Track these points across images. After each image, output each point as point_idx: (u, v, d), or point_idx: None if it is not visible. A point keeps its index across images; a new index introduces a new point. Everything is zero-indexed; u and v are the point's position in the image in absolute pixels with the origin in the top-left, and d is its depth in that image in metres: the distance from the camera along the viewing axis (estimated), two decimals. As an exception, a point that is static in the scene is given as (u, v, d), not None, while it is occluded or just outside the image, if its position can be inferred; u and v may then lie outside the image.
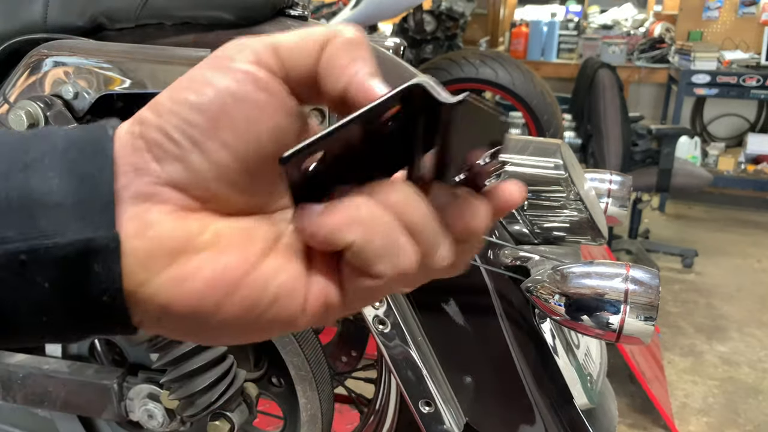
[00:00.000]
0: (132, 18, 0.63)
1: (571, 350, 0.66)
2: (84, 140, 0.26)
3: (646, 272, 0.51)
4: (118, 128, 0.27)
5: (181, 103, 0.26)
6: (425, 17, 3.29)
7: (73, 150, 0.26)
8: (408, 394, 0.62)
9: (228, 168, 0.26)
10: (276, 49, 0.27)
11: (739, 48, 3.87)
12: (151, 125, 0.26)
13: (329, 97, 0.29)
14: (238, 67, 0.27)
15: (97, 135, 0.26)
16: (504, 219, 0.62)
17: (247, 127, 0.26)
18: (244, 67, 0.27)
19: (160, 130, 0.26)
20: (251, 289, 0.26)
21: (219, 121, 0.26)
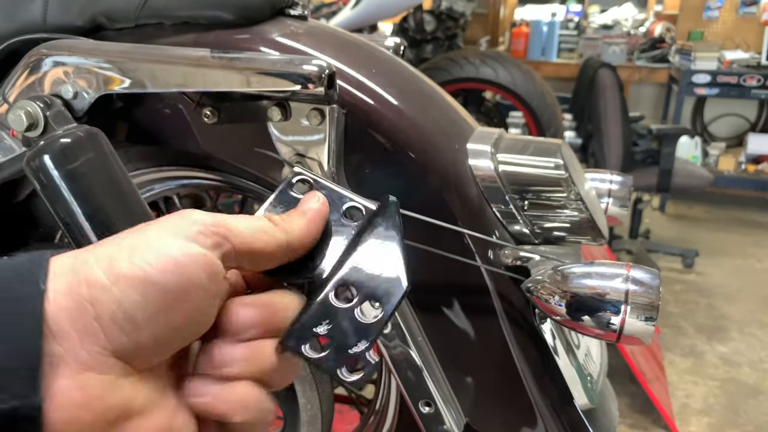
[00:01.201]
0: (131, 18, 0.63)
1: (572, 350, 0.66)
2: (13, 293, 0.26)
3: (647, 272, 0.51)
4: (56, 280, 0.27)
5: (144, 281, 0.27)
6: (425, 17, 3.29)
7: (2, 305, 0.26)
8: (408, 394, 0.62)
9: (166, 341, 0.29)
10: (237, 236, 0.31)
11: (739, 48, 3.87)
12: (107, 293, 0.26)
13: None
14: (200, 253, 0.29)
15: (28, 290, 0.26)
16: (504, 219, 0.62)
17: (193, 311, 0.29)
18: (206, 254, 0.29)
19: (117, 303, 0.27)
20: None
21: (174, 306, 0.28)
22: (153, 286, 0.27)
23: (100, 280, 0.27)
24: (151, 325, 0.27)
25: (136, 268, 0.27)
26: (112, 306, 0.26)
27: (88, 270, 0.27)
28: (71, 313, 0.26)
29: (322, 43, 0.63)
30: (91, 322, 0.26)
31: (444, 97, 0.68)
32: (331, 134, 0.53)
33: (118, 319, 0.27)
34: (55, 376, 0.26)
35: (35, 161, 0.50)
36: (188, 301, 0.28)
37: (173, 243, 0.28)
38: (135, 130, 0.69)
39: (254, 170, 0.66)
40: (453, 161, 0.61)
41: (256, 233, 0.32)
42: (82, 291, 0.26)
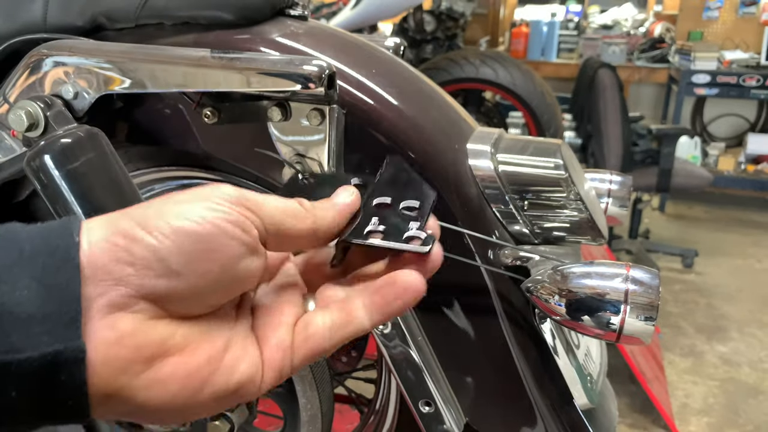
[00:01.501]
0: (132, 18, 0.63)
1: (572, 350, 0.66)
2: (50, 246, 0.27)
3: (647, 272, 0.51)
4: (89, 233, 0.28)
5: (178, 230, 0.28)
6: (425, 17, 3.29)
7: (41, 257, 0.27)
8: (408, 394, 0.62)
9: (202, 291, 0.29)
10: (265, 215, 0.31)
11: (739, 48, 3.87)
12: (140, 242, 0.28)
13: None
14: (230, 212, 0.30)
15: (64, 242, 0.27)
16: (504, 219, 0.62)
17: (228, 261, 0.30)
18: (236, 215, 0.30)
19: (152, 250, 0.28)
20: (218, 384, 0.30)
21: (209, 254, 0.29)
22: (187, 236, 0.28)
23: (134, 232, 0.28)
24: (187, 273, 0.28)
25: (169, 220, 0.28)
26: (146, 253, 0.27)
27: (123, 224, 0.28)
28: (105, 259, 0.27)
29: (322, 44, 0.63)
30: (124, 268, 0.27)
31: (444, 97, 0.68)
32: (331, 134, 0.53)
33: (152, 265, 0.28)
34: (88, 319, 0.27)
35: (36, 161, 0.50)
36: (222, 252, 0.29)
37: (204, 205, 0.29)
38: (135, 130, 0.69)
39: (254, 170, 0.66)
40: (453, 161, 0.61)
41: (287, 215, 0.32)
42: (117, 240, 0.28)
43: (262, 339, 0.33)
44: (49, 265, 0.26)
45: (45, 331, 0.25)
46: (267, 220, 0.31)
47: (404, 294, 0.33)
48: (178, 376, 0.29)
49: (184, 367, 0.29)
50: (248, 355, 0.32)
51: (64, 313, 0.26)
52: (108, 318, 0.27)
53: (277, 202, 0.32)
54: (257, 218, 0.31)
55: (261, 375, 0.32)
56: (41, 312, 0.26)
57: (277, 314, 0.34)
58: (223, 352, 0.30)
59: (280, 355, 0.33)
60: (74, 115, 0.57)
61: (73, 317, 0.26)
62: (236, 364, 0.31)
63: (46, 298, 0.26)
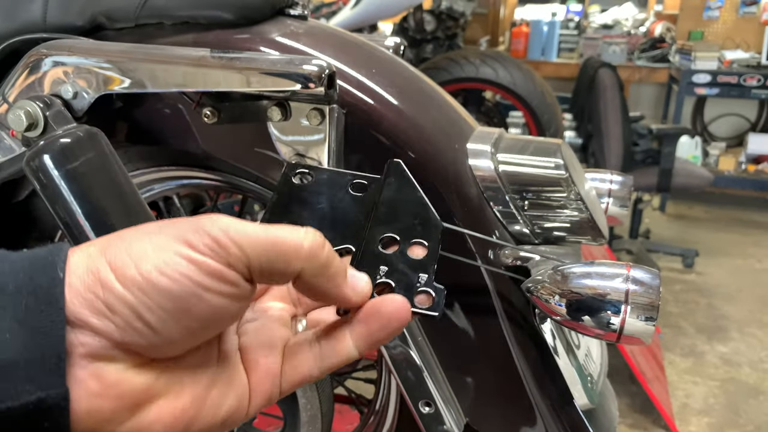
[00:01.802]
0: (131, 18, 0.63)
1: (572, 350, 0.65)
2: (34, 284, 0.26)
3: (647, 272, 0.51)
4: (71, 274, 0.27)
5: (154, 286, 0.27)
6: (425, 17, 3.29)
7: (24, 297, 0.26)
8: (408, 394, 0.62)
9: (182, 341, 0.29)
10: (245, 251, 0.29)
11: (739, 48, 3.87)
12: (118, 297, 0.27)
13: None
14: (210, 263, 0.28)
15: (48, 279, 0.26)
16: (504, 219, 0.62)
17: (209, 314, 0.28)
18: (216, 265, 0.28)
19: (130, 307, 0.27)
20: (205, 420, 0.30)
21: (188, 311, 0.28)
22: (164, 294, 0.27)
23: (112, 283, 0.27)
24: (166, 329, 0.28)
25: (146, 274, 0.27)
26: (125, 310, 0.27)
27: (101, 272, 0.27)
28: (87, 309, 0.26)
29: (322, 43, 0.63)
30: (105, 322, 0.27)
31: (444, 97, 0.68)
32: (331, 134, 0.53)
33: (131, 322, 0.27)
34: (71, 366, 0.26)
35: (35, 161, 0.50)
36: (201, 308, 0.28)
37: (182, 252, 0.28)
38: (135, 130, 0.69)
39: (254, 170, 0.66)
40: (453, 161, 0.61)
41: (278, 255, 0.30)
42: (97, 292, 0.27)
43: (251, 363, 0.33)
44: (32, 307, 0.26)
45: (28, 378, 0.25)
46: (254, 259, 0.29)
47: (389, 324, 0.32)
48: (164, 421, 0.28)
49: (169, 411, 0.29)
50: (234, 386, 0.31)
51: (48, 359, 0.25)
52: (90, 367, 0.26)
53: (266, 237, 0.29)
54: (243, 255, 0.28)
55: (248, 401, 0.32)
56: (23, 358, 0.25)
57: (266, 337, 0.34)
58: (208, 390, 0.30)
59: (269, 381, 0.33)
60: (74, 114, 0.56)
61: (56, 363, 0.25)
62: (222, 400, 0.31)
63: (29, 343, 0.25)
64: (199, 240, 0.28)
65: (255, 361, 0.33)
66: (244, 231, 0.29)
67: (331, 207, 0.36)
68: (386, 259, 0.34)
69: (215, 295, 0.28)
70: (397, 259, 0.34)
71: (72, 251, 0.28)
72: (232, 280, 0.28)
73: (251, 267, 0.29)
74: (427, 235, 0.35)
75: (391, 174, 0.38)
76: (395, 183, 0.38)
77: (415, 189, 0.37)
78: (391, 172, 0.38)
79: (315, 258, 0.30)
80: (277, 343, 0.34)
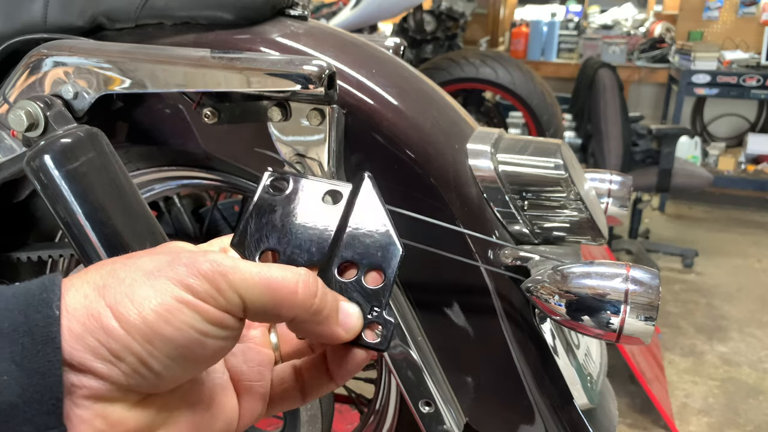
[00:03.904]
0: (132, 18, 0.63)
1: (572, 350, 0.66)
2: (30, 322, 0.26)
3: (647, 272, 0.51)
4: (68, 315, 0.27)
5: (159, 335, 0.27)
6: (425, 17, 3.29)
7: (20, 336, 0.26)
8: (408, 394, 0.62)
9: (181, 378, 0.30)
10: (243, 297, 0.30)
11: (739, 48, 3.87)
12: (123, 345, 0.27)
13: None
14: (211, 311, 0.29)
15: (44, 317, 0.26)
16: (504, 219, 0.62)
17: (210, 357, 0.30)
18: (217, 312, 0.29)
19: (136, 355, 0.27)
20: None
21: (191, 357, 0.29)
22: (168, 342, 0.28)
23: (118, 332, 0.27)
24: (170, 374, 0.28)
25: (150, 324, 0.27)
26: (130, 358, 0.27)
27: (103, 317, 0.27)
28: (90, 355, 0.27)
29: (322, 44, 0.63)
30: (112, 368, 0.27)
31: (444, 97, 0.68)
32: (331, 134, 0.53)
33: (138, 370, 0.27)
34: (74, 406, 0.26)
35: (36, 161, 0.50)
36: (203, 353, 0.29)
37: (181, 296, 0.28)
38: (135, 130, 0.69)
39: (254, 170, 0.66)
40: (453, 161, 0.61)
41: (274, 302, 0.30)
42: (100, 338, 0.27)
43: (242, 385, 0.34)
44: (28, 347, 0.26)
45: (26, 420, 0.25)
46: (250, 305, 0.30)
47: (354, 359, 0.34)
48: None
49: None
50: (225, 410, 0.33)
51: (46, 400, 0.25)
52: (95, 407, 0.27)
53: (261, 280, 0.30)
54: (240, 301, 0.29)
55: (237, 421, 0.33)
56: (22, 400, 0.25)
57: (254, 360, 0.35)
58: (201, 414, 0.32)
59: (259, 403, 0.34)
60: (74, 115, 0.56)
61: (54, 404, 0.26)
62: (213, 423, 0.32)
63: (27, 384, 0.25)
64: (200, 286, 0.28)
65: (246, 383, 0.34)
66: (242, 275, 0.29)
67: (303, 218, 0.37)
68: (341, 287, 0.35)
69: (215, 340, 0.29)
70: (352, 288, 0.35)
71: (66, 287, 0.28)
72: (230, 325, 0.29)
73: (247, 311, 0.30)
74: (386, 261, 0.35)
75: (361, 188, 0.38)
76: (363, 199, 0.38)
77: (381, 209, 0.37)
78: (362, 186, 0.38)
79: (308, 306, 0.31)
80: (265, 365, 0.35)
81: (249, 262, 0.31)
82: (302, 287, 0.31)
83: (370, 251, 0.36)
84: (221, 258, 0.30)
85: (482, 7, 4.49)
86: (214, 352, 0.29)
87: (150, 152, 0.72)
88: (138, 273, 0.28)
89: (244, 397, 0.34)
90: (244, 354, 0.35)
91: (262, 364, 0.35)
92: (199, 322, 0.28)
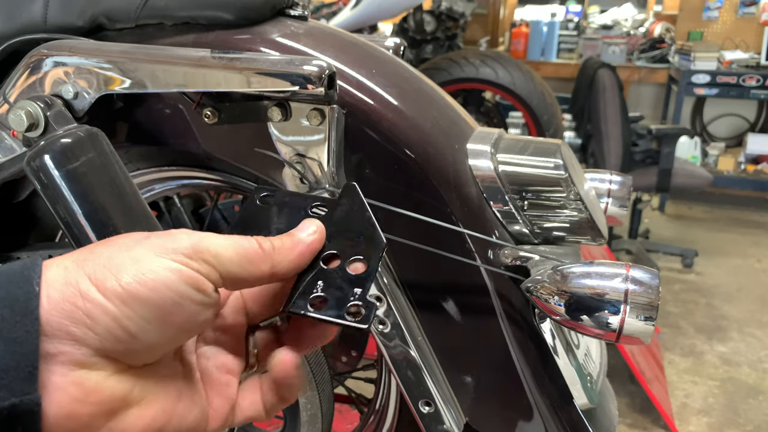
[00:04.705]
0: (132, 18, 0.63)
1: (571, 350, 0.66)
2: (11, 297, 0.27)
3: (646, 272, 0.51)
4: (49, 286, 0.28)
5: (135, 296, 0.29)
6: (425, 17, 3.29)
7: (0, 309, 0.27)
8: (408, 394, 0.62)
9: (158, 346, 0.31)
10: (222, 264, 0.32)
11: (739, 48, 3.87)
12: (99, 306, 0.28)
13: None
14: (187, 272, 0.30)
15: (24, 292, 0.28)
16: (504, 219, 0.62)
17: (185, 322, 0.31)
18: (192, 273, 0.30)
19: (111, 316, 0.28)
20: (170, 431, 0.32)
21: (166, 318, 0.30)
22: (144, 303, 0.29)
23: (94, 295, 0.28)
24: (145, 336, 0.29)
25: (126, 286, 0.29)
26: (105, 318, 0.28)
27: (81, 284, 0.28)
28: (65, 320, 0.28)
29: (322, 44, 0.63)
30: (85, 331, 0.28)
31: (444, 97, 0.68)
32: (331, 134, 0.53)
33: (112, 330, 0.28)
34: (51, 374, 0.27)
35: (36, 161, 0.50)
36: (179, 315, 0.30)
37: (160, 264, 0.30)
38: (135, 130, 0.69)
39: (254, 170, 0.66)
40: (453, 161, 0.61)
41: (243, 263, 0.33)
42: (77, 302, 0.28)
43: (213, 388, 0.35)
44: (8, 318, 0.27)
45: (2, 386, 0.26)
46: (224, 269, 0.32)
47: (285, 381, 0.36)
48: (137, 428, 0.30)
49: (142, 419, 0.30)
50: (197, 405, 0.34)
51: (23, 368, 0.26)
52: (71, 375, 0.28)
53: (236, 247, 0.33)
54: (214, 270, 0.31)
55: (207, 423, 0.34)
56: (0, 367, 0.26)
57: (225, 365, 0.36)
58: (175, 403, 0.32)
59: (228, 409, 0.35)
60: (74, 115, 0.56)
61: (30, 372, 0.26)
62: (186, 414, 0.33)
63: (4, 352, 0.26)
64: (175, 249, 0.30)
65: (217, 384, 0.36)
66: (215, 239, 0.32)
67: (288, 228, 0.38)
68: (324, 273, 0.36)
69: (191, 303, 0.30)
70: (335, 275, 0.36)
71: (46, 266, 0.29)
72: (206, 289, 0.31)
73: (221, 271, 0.32)
74: (369, 253, 0.37)
75: (346, 196, 0.40)
76: (347, 203, 0.39)
77: (365, 209, 0.39)
78: (346, 194, 0.40)
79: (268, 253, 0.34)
80: (234, 372, 0.37)
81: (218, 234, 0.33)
82: (263, 242, 0.34)
83: (353, 244, 0.37)
84: (196, 232, 0.32)
85: (482, 7, 4.49)
86: (190, 316, 0.30)
87: (150, 152, 0.72)
88: (116, 247, 0.30)
89: (213, 398, 0.35)
90: (214, 358, 0.36)
91: (231, 371, 0.36)
92: (175, 283, 0.29)
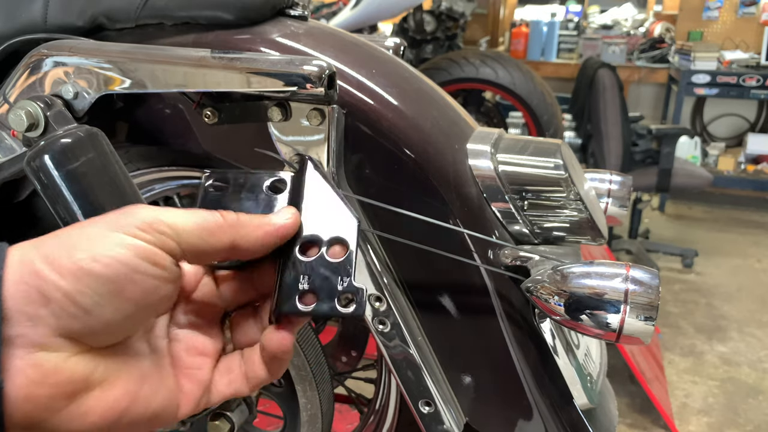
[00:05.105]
0: (132, 18, 0.63)
1: (571, 350, 0.66)
2: None
3: (646, 272, 0.51)
4: (10, 270, 0.28)
5: (87, 272, 0.29)
6: (425, 17, 3.29)
7: None
8: (408, 394, 0.62)
9: (117, 324, 0.30)
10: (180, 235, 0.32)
11: (739, 48, 3.87)
12: (51, 283, 0.28)
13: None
14: (141, 245, 0.30)
15: None
16: (504, 219, 0.62)
17: (141, 296, 0.30)
18: (147, 246, 0.30)
19: (63, 292, 0.28)
20: (135, 413, 0.32)
21: (121, 293, 0.29)
22: (97, 278, 0.29)
23: (45, 272, 0.28)
24: (100, 312, 0.29)
25: (79, 261, 0.29)
26: (58, 295, 0.28)
27: (35, 263, 0.29)
28: (21, 301, 0.28)
29: (322, 44, 0.63)
30: (39, 309, 0.28)
31: (444, 97, 0.69)
32: (331, 134, 0.53)
33: (65, 306, 0.28)
34: (11, 357, 0.27)
35: (36, 161, 0.50)
36: (134, 289, 0.30)
37: (114, 240, 0.30)
38: (135, 130, 0.69)
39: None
40: (453, 161, 0.61)
41: (203, 234, 0.33)
42: (31, 281, 0.28)
43: (183, 371, 0.35)
44: None
45: None
46: (184, 240, 0.32)
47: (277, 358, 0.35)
48: (99, 410, 0.30)
49: (104, 401, 0.30)
50: (164, 386, 0.34)
51: None
52: (31, 356, 0.28)
53: (195, 218, 0.33)
54: (173, 242, 0.31)
55: (178, 405, 0.34)
56: None
57: (196, 347, 0.36)
58: (140, 385, 0.32)
59: (200, 391, 0.35)
60: (74, 115, 0.56)
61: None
62: (152, 397, 0.33)
63: None
64: (130, 224, 0.30)
65: (188, 371, 0.35)
66: (173, 212, 0.32)
67: (252, 211, 0.38)
68: (306, 266, 0.36)
69: (147, 277, 0.30)
70: (317, 265, 0.36)
71: (10, 250, 0.29)
72: (162, 262, 0.31)
73: (183, 246, 0.31)
74: (344, 232, 0.37)
75: (304, 171, 0.39)
76: (309, 182, 0.39)
77: (328, 187, 0.38)
78: (304, 170, 0.39)
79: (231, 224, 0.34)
80: (208, 354, 0.36)
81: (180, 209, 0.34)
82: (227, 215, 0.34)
83: (327, 225, 0.37)
84: (154, 207, 0.32)
85: (482, 7, 4.49)
86: (146, 291, 0.30)
87: (150, 152, 0.72)
88: (73, 228, 0.31)
89: (183, 382, 0.35)
90: (186, 342, 0.36)
91: (204, 353, 0.36)
92: (128, 258, 0.29)
